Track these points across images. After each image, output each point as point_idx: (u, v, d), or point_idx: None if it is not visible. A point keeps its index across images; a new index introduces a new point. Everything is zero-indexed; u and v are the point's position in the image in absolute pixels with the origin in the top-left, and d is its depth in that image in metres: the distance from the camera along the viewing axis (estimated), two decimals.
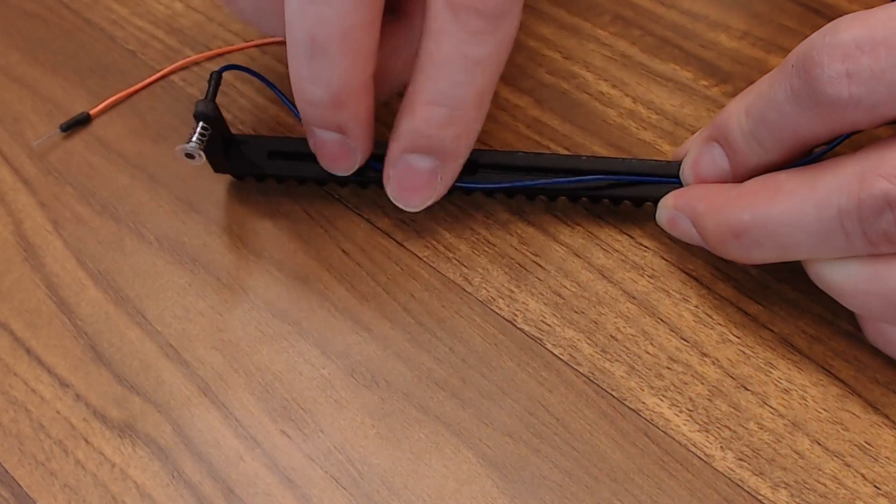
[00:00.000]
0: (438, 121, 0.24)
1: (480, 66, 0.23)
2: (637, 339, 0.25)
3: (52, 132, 0.30)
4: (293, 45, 0.23)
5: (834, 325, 0.25)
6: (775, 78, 0.22)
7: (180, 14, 0.33)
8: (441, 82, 0.23)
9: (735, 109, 0.23)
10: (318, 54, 0.22)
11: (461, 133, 0.24)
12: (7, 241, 0.28)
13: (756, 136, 0.23)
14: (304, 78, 0.23)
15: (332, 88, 0.23)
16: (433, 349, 0.25)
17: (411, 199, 0.26)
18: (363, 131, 0.25)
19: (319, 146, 0.25)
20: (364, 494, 0.23)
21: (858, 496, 0.22)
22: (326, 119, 0.24)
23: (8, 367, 0.25)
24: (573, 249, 0.27)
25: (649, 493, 0.22)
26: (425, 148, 0.24)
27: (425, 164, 0.25)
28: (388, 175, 0.25)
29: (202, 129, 0.25)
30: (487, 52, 0.23)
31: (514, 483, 0.23)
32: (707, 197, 0.24)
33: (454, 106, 0.24)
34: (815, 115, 0.21)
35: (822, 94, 0.20)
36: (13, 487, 0.23)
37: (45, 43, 0.33)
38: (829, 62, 0.20)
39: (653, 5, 0.33)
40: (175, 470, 0.23)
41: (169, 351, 0.25)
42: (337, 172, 0.26)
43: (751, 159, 0.23)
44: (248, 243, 0.27)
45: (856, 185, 0.20)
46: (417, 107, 0.24)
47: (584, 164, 0.26)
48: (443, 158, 0.25)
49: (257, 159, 0.27)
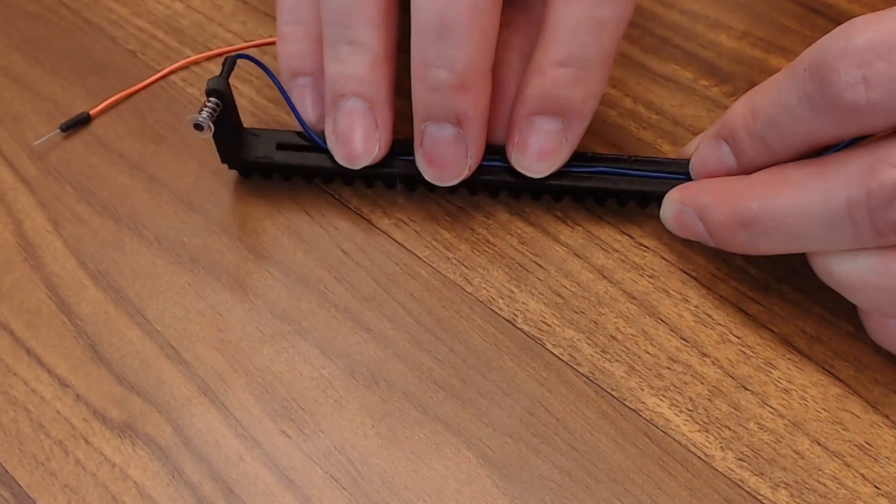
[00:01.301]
0: (568, 81, 0.24)
1: (606, 28, 0.24)
2: (637, 339, 0.25)
3: (52, 132, 0.30)
4: (420, 30, 0.23)
5: (834, 325, 0.25)
6: (785, 81, 0.22)
7: (180, 14, 0.33)
8: (570, 43, 0.24)
9: (741, 110, 0.23)
10: (446, 34, 0.23)
11: (589, 94, 0.25)
12: (7, 241, 0.28)
13: (764, 137, 0.23)
14: (430, 62, 0.23)
15: (459, 69, 0.23)
16: (433, 349, 0.25)
17: (538, 164, 0.26)
18: (479, 125, 0.25)
19: (431, 147, 0.25)
20: (364, 494, 0.23)
21: (858, 496, 0.22)
22: (448, 106, 0.24)
23: (8, 367, 0.25)
24: (573, 249, 0.27)
25: (649, 493, 0.22)
26: (553, 109, 0.25)
27: (553, 126, 0.25)
28: (512, 141, 0.25)
29: (214, 104, 0.25)
30: (613, 13, 0.24)
31: (514, 483, 0.23)
32: (714, 189, 0.24)
33: (583, 66, 0.24)
34: (830, 120, 0.21)
35: (840, 99, 0.20)
36: (13, 487, 0.23)
37: (45, 43, 0.33)
38: (845, 68, 0.20)
39: (653, 5, 0.33)
40: (175, 470, 0.23)
41: (169, 351, 0.25)
42: (444, 181, 0.26)
43: (758, 159, 0.23)
44: (248, 243, 0.27)
45: (865, 175, 0.20)
46: (546, 68, 0.24)
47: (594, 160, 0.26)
48: (569, 119, 0.25)
49: (266, 150, 0.27)
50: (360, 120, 0.25)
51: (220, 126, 0.25)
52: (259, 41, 0.32)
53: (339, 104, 0.25)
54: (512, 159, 0.26)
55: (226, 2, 0.34)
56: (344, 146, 0.26)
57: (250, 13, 0.33)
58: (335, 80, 0.25)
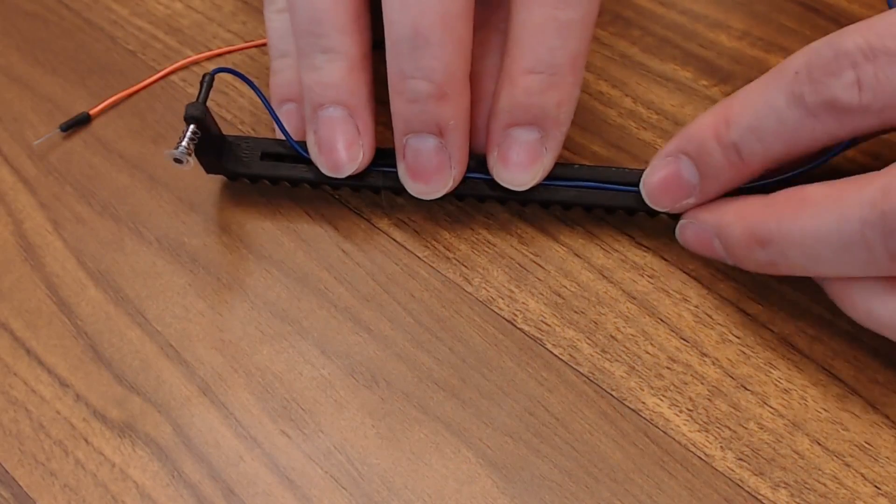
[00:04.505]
0: (538, 88, 0.24)
1: (572, 29, 0.24)
2: (637, 339, 0.25)
3: (52, 132, 0.30)
4: (395, 43, 0.23)
5: (834, 325, 0.25)
6: (771, 84, 0.22)
7: (180, 14, 0.33)
8: (536, 49, 0.24)
9: (709, 121, 0.23)
10: (421, 45, 0.23)
11: (562, 99, 0.24)
12: (7, 241, 0.28)
13: (739, 146, 0.23)
14: (407, 73, 0.23)
15: (437, 79, 0.23)
16: (433, 349, 0.25)
17: (520, 176, 0.25)
18: (461, 133, 0.24)
19: (413, 160, 0.25)
20: (364, 494, 0.23)
21: (858, 496, 0.22)
22: (428, 116, 0.24)
23: (8, 367, 0.25)
24: (573, 249, 0.27)
25: (649, 493, 0.22)
26: (528, 119, 0.24)
27: (531, 137, 0.25)
28: (492, 155, 0.25)
29: (192, 132, 0.24)
30: (577, 13, 0.24)
31: (514, 483, 0.23)
32: (732, 208, 0.24)
33: (552, 71, 0.24)
34: (821, 122, 0.21)
35: (836, 100, 0.20)
36: (13, 487, 0.23)
37: (45, 43, 0.33)
38: (840, 70, 0.20)
39: (653, 5, 0.33)
40: (175, 470, 0.23)
41: (169, 351, 0.25)
42: (429, 193, 0.25)
43: (725, 172, 0.23)
44: (248, 243, 0.27)
45: (879, 197, 0.20)
46: (516, 78, 0.24)
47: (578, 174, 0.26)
48: (546, 128, 0.25)
49: (249, 160, 0.27)
50: (341, 128, 0.25)
51: (201, 143, 0.25)
52: (259, 41, 0.32)
53: (318, 114, 0.25)
54: (494, 173, 0.25)
55: (226, 2, 0.34)
56: (327, 155, 0.25)
57: (250, 13, 0.33)
58: (312, 90, 0.25)
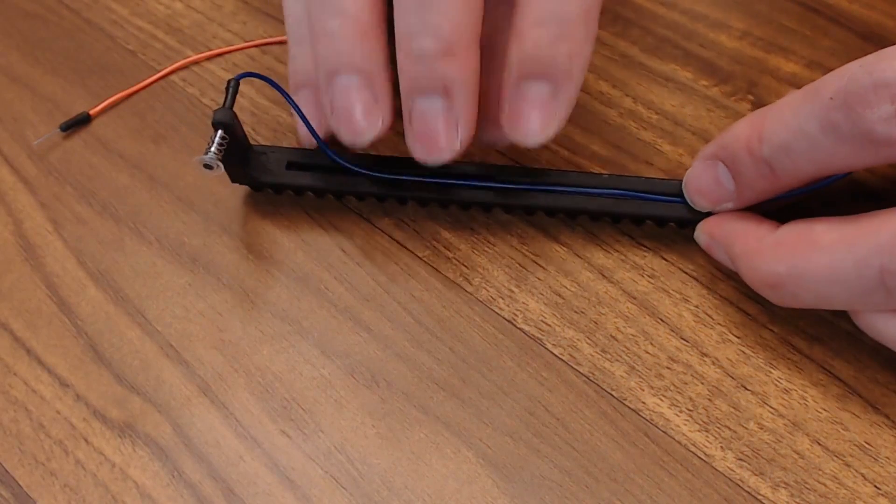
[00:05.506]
0: (548, 39, 0.23)
1: None
2: (637, 339, 0.25)
3: (52, 132, 0.30)
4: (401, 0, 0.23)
5: (834, 325, 0.25)
6: (805, 107, 0.21)
7: (180, 14, 0.33)
8: (545, 1, 0.23)
9: (745, 132, 0.23)
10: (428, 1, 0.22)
11: (573, 51, 0.24)
12: (7, 241, 0.28)
13: (772, 163, 0.22)
14: (413, 31, 0.23)
15: (443, 35, 0.22)
16: (433, 349, 0.25)
17: (531, 132, 0.24)
18: (468, 95, 0.24)
19: (419, 123, 0.24)
20: (364, 494, 0.23)
21: (858, 496, 0.22)
22: (434, 74, 0.23)
23: (8, 367, 0.25)
24: (573, 249, 0.27)
25: (649, 493, 0.22)
26: (538, 72, 0.24)
27: (542, 90, 0.24)
28: (504, 112, 0.24)
29: (221, 137, 0.24)
30: None
31: (514, 483, 0.23)
32: (743, 238, 0.24)
33: (562, 23, 0.23)
34: (855, 150, 0.21)
35: (873, 133, 0.20)
36: (13, 487, 0.23)
37: (45, 43, 0.33)
38: (878, 101, 0.20)
39: (653, 5, 0.33)
40: (175, 470, 0.23)
41: (169, 351, 0.25)
42: (432, 159, 0.24)
43: (759, 184, 0.23)
44: (249, 243, 0.27)
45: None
46: (525, 30, 0.23)
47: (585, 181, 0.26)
48: (557, 81, 0.24)
49: (276, 170, 0.27)
50: (357, 95, 0.24)
51: (229, 150, 0.24)
52: (259, 41, 0.32)
53: (333, 82, 0.24)
54: (506, 131, 0.25)
55: (226, 2, 0.34)
56: (346, 124, 0.24)
57: (250, 13, 0.33)
58: (326, 57, 0.24)
